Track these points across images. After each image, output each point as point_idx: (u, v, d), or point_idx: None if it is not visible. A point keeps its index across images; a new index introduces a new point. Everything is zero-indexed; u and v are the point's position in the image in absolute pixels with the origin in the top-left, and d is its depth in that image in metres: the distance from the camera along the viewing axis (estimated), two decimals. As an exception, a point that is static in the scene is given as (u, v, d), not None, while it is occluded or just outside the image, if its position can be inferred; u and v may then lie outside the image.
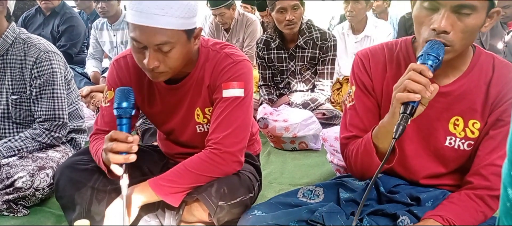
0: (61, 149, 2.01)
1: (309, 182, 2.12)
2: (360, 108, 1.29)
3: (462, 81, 1.18)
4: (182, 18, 1.22)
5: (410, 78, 1.02)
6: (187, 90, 1.44)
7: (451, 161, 1.24)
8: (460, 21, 1.04)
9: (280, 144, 2.61)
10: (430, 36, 1.06)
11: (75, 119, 2.17)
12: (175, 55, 1.26)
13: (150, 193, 1.30)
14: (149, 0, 1.17)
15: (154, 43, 1.22)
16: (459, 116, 1.19)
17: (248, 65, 1.43)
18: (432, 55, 1.03)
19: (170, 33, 1.21)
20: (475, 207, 1.12)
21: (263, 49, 2.95)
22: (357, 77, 1.30)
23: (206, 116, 1.48)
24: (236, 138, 1.36)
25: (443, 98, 1.19)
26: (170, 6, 1.18)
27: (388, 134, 1.10)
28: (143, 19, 1.19)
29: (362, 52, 1.31)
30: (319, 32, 2.84)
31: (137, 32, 1.21)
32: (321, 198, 1.32)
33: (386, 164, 1.17)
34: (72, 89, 2.13)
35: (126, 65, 1.47)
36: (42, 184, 1.78)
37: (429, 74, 1.01)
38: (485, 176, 1.13)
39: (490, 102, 1.16)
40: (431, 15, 1.07)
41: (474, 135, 1.19)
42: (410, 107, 1.02)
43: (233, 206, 1.34)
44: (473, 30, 1.06)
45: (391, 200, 1.26)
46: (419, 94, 1.01)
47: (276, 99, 3.02)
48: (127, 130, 1.27)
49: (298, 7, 2.67)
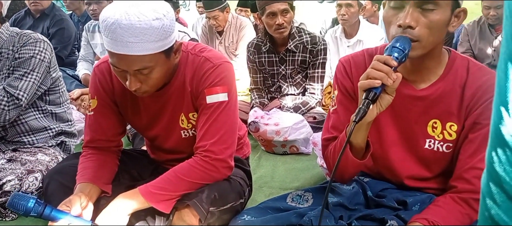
0: (51, 152, 2.00)
1: (299, 186, 2.13)
2: (342, 111, 1.31)
3: (438, 85, 1.21)
4: (158, 41, 1.21)
5: (372, 67, 1.07)
6: (169, 96, 1.44)
7: (432, 163, 1.27)
8: (424, 17, 1.08)
9: (271, 147, 2.62)
10: (397, 32, 1.10)
11: (64, 121, 2.14)
12: (155, 75, 1.27)
13: (140, 200, 1.29)
14: (123, 29, 1.16)
15: (133, 69, 1.22)
16: (437, 119, 1.23)
17: (229, 67, 1.43)
18: (398, 48, 1.07)
19: (148, 58, 1.21)
20: (460, 210, 1.14)
21: (254, 53, 2.96)
22: (339, 82, 1.33)
23: (190, 121, 1.47)
24: (225, 144, 1.37)
25: (421, 102, 1.23)
26: (144, 33, 1.17)
27: (359, 127, 1.14)
28: (119, 47, 1.18)
29: (344, 58, 1.35)
30: (309, 36, 2.85)
31: (115, 59, 1.23)
32: (310, 203, 1.34)
33: (361, 159, 1.21)
34: (61, 91, 2.10)
35: (108, 70, 1.45)
36: (31, 187, 1.77)
37: (393, 63, 1.05)
38: (468, 180, 1.15)
39: (466, 105, 1.18)
40: (397, 13, 1.11)
41: (452, 137, 1.22)
42: (372, 94, 1.06)
43: (224, 212, 1.35)
44: (438, 26, 1.10)
45: (379, 204, 1.27)
46: (379, 80, 1.04)
47: (267, 102, 3.03)
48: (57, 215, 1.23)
49: (287, 11, 2.67)
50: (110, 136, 1.50)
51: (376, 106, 1.11)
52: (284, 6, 2.65)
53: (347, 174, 1.26)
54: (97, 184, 1.39)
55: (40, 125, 2.01)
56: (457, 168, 1.19)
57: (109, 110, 1.49)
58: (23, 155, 1.91)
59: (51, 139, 2.07)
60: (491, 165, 0.50)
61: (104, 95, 1.47)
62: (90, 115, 1.49)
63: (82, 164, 1.45)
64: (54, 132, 2.07)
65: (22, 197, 1.23)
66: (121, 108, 1.51)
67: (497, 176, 0.49)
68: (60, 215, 1.23)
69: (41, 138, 2.04)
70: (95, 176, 1.40)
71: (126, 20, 1.15)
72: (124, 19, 1.15)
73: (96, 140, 1.49)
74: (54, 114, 2.08)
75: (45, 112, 2.03)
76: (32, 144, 2.01)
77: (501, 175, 0.49)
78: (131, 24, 1.15)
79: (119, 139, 1.56)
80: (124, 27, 1.15)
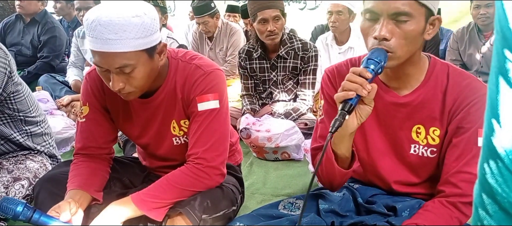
0: (38, 159, 1.98)
1: (291, 193, 2.13)
2: (328, 121, 1.32)
3: (420, 91, 1.24)
4: (138, 39, 1.21)
5: (347, 79, 1.09)
6: (160, 103, 1.44)
7: (418, 168, 1.29)
8: (398, 28, 1.10)
9: (263, 154, 2.62)
10: (374, 44, 1.12)
11: (33, 124, 2.03)
12: (138, 75, 1.26)
13: (133, 208, 1.29)
14: (102, 26, 1.17)
15: (114, 67, 1.23)
16: (420, 124, 1.25)
17: (220, 74, 1.43)
18: (373, 60, 1.09)
19: (128, 56, 1.22)
20: (449, 213, 1.16)
21: (245, 59, 2.97)
22: (325, 92, 1.36)
23: (182, 128, 1.47)
24: (216, 151, 1.37)
25: (404, 109, 1.25)
26: (123, 29, 1.18)
27: (342, 138, 1.17)
28: (99, 45, 1.19)
29: (329, 69, 1.38)
30: (301, 42, 2.87)
31: (96, 57, 1.23)
32: (302, 210, 1.34)
33: (346, 168, 1.23)
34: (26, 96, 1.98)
35: (99, 79, 1.45)
36: (17, 195, 1.75)
37: (367, 75, 1.07)
38: (455, 184, 1.17)
39: (448, 110, 1.21)
40: (373, 25, 1.13)
41: (435, 142, 1.24)
42: (348, 105, 1.07)
43: (217, 219, 1.35)
44: (413, 36, 1.11)
45: (369, 211, 1.29)
46: (354, 92, 1.07)
47: (258, 109, 3.04)
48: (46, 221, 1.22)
49: (279, 18, 2.69)
50: (101, 143, 1.50)
51: (355, 117, 1.13)
52: (276, 13, 2.67)
53: (336, 183, 1.28)
54: (88, 191, 1.38)
55: (8, 131, 1.95)
56: (443, 173, 1.21)
57: (101, 117, 1.48)
58: (11, 163, 1.88)
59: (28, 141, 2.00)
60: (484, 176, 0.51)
61: (95, 102, 1.47)
62: (82, 121, 1.48)
63: (72, 171, 1.44)
64: (25, 134, 1.99)
65: (11, 200, 1.22)
66: (113, 115, 1.51)
67: (490, 187, 0.50)
68: (49, 220, 1.22)
69: (15, 143, 1.97)
70: (86, 183, 1.39)
71: (105, 17, 1.17)
72: (103, 16, 1.17)
73: (87, 147, 1.49)
74: (22, 119, 1.98)
75: (13, 118, 1.95)
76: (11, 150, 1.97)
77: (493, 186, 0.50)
78: (110, 21, 1.17)
79: (110, 146, 1.55)
80: (103, 24, 1.17)
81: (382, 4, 1.09)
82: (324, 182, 1.31)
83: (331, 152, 1.21)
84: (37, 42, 3.91)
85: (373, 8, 1.11)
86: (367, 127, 1.29)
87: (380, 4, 1.10)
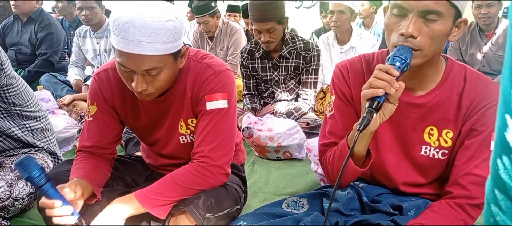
0: (40, 157, 1.98)
1: (293, 192, 2.13)
2: (339, 116, 1.31)
3: (435, 93, 1.22)
4: (169, 43, 1.21)
5: (375, 76, 1.07)
6: (171, 102, 1.44)
7: (427, 169, 1.28)
8: (426, 27, 1.08)
9: (265, 153, 2.62)
10: (399, 41, 1.10)
11: (32, 119, 2.03)
12: (163, 77, 1.27)
13: (136, 205, 1.28)
14: (136, 28, 1.16)
15: (142, 69, 1.22)
16: (433, 126, 1.23)
17: (230, 74, 1.43)
18: (399, 57, 1.07)
19: (158, 59, 1.21)
20: (455, 215, 1.15)
21: (248, 59, 2.97)
22: (336, 87, 1.33)
23: (189, 127, 1.47)
24: (222, 150, 1.36)
25: (418, 109, 1.23)
26: (157, 33, 1.17)
27: (362, 136, 1.14)
28: (130, 46, 1.18)
29: (342, 64, 1.35)
30: (303, 42, 2.87)
31: (124, 58, 1.21)
32: (305, 209, 1.34)
33: (361, 167, 1.21)
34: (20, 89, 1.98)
35: (108, 79, 1.46)
36: (21, 193, 1.75)
37: (395, 72, 1.05)
38: (463, 186, 1.16)
39: (463, 112, 1.19)
40: (400, 21, 1.10)
41: (447, 144, 1.23)
42: (376, 103, 1.06)
43: (220, 218, 1.34)
44: (440, 36, 1.10)
45: (375, 210, 1.28)
46: (383, 90, 1.05)
47: (259, 108, 3.03)
48: (54, 194, 1.20)
49: (274, 29, 2.68)
50: (106, 143, 1.49)
51: (379, 115, 1.11)
52: (269, 26, 2.66)
53: (346, 181, 1.26)
54: (90, 183, 1.37)
55: (5, 125, 1.95)
56: (452, 174, 1.20)
57: (108, 117, 1.48)
58: (13, 161, 1.88)
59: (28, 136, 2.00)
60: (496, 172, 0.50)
61: (103, 102, 1.46)
62: (89, 120, 1.48)
63: (76, 165, 1.44)
64: (25, 129, 2.00)
65: (33, 163, 1.20)
66: (122, 115, 1.50)
67: (503, 182, 0.50)
68: (55, 195, 1.20)
69: (14, 138, 1.97)
70: (89, 175, 1.38)
71: (140, 19, 1.16)
72: (138, 18, 1.16)
73: (92, 145, 1.48)
74: (18, 113, 1.99)
75: (9, 112, 1.96)
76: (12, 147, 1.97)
77: (506, 181, 0.49)
78: (145, 23, 1.16)
79: (114, 146, 1.55)
80: (137, 26, 1.16)
81: (413, 1, 1.07)
82: (333, 178, 1.29)
83: (347, 150, 1.19)
84: (35, 40, 3.91)
85: (403, 3, 1.08)
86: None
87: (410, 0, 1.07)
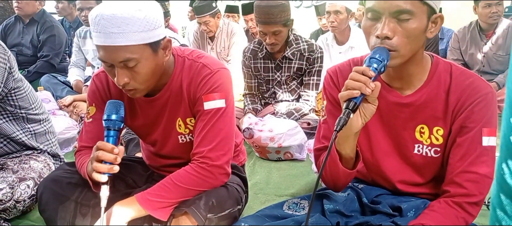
0: (42, 159, 1.98)
1: (294, 193, 2.13)
2: (331, 121, 1.32)
3: (423, 91, 1.23)
4: (141, 32, 1.22)
5: (351, 78, 1.10)
6: (166, 101, 1.44)
7: (423, 168, 1.29)
8: (400, 27, 1.10)
9: (265, 154, 2.62)
10: (376, 43, 1.12)
11: (36, 122, 2.04)
12: (142, 70, 1.27)
13: (137, 208, 1.29)
14: (105, 20, 1.19)
15: (118, 61, 1.23)
16: (424, 124, 1.25)
17: (227, 73, 1.43)
18: (375, 59, 1.09)
19: (131, 49, 1.22)
20: (455, 213, 1.15)
21: (250, 59, 2.96)
22: (328, 92, 1.35)
23: (188, 126, 1.47)
24: (221, 150, 1.37)
25: (407, 109, 1.25)
26: (126, 23, 1.19)
27: (347, 138, 1.17)
28: (102, 39, 1.21)
29: (332, 69, 1.37)
30: (307, 43, 2.86)
31: (101, 52, 1.24)
32: (306, 210, 1.34)
33: (350, 169, 1.23)
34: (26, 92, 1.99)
35: (106, 80, 1.47)
36: (23, 195, 1.75)
37: (370, 73, 1.08)
38: (460, 184, 1.17)
39: (451, 109, 1.20)
40: (375, 24, 1.12)
41: (439, 142, 1.24)
42: (352, 103, 1.08)
43: (222, 219, 1.34)
44: (415, 35, 1.11)
45: (375, 211, 1.28)
46: (358, 91, 1.07)
47: (260, 108, 3.03)
48: (114, 141, 1.28)
49: (279, 32, 2.68)
50: None
51: (360, 116, 1.13)
52: (274, 29, 2.66)
53: (340, 183, 1.27)
54: None
55: (10, 129, 1.95)
56: (448, 173, 1.21)
57: None
58: (15, 163, 1.88)
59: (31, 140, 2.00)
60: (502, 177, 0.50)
61: (102, 103, 1.47)
62: (88, 121, 1.49)
63: (80, 160, 1.45)
64: (28, 133, 2.00)
65: (116, 105, 1.33)
66: None
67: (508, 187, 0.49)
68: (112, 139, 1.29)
69: (18, 142, 1.97)
70: None
71: (108, 12, 1.19)
72: (107, 11, 1.20)
73: (90, 147, 1.48)
74: (24, 116, 1.99)
75: (15, 115, 1.96)
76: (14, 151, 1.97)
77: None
78: (113, 15, 1.19)
79: None
80: (107, 18, 1.19)
81: (383, 3, 1.09)
82: (328, 183, 1.31)
83: (335, 153, 1.21)
84: (37, 42, 3.91)
85: (375, 7, 1.11)
86: (370, 127, 1.29)
87: (381, 3, 1.09)
